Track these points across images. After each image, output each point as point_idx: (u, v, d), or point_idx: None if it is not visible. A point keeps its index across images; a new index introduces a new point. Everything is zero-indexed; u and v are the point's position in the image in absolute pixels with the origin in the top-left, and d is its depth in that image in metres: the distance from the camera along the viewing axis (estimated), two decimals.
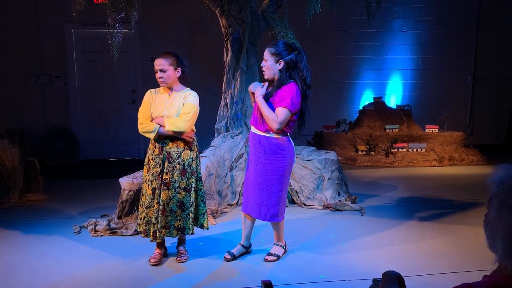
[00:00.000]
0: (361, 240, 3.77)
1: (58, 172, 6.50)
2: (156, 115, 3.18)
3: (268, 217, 3.24)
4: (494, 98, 8.47)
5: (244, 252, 3.44)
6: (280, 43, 3.19)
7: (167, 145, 3.18)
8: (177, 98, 3.21)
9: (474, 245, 3.61)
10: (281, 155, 3.17)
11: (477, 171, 6.38)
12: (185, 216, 3.23)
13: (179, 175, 3.18)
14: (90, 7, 4.88)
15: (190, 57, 7.37)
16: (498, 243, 1.10)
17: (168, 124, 3.11)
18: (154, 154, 3.21)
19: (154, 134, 3.15)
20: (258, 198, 3.23)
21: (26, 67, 7.08)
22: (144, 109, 3.22)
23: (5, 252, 3.52)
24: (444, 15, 8.17)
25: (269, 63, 3.15)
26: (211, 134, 5.05)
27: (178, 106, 3.18)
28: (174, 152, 3.18)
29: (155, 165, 3.19)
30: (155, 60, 3.20)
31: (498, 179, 1.14)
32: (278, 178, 3.18)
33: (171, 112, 3.16)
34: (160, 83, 3.21)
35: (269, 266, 3.25)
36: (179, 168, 3.18)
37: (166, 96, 3.23)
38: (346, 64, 8.02)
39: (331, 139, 7.21)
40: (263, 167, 3.18)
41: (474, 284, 1.11)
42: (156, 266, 3.23)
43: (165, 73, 3.16)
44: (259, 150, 3.20)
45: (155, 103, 3.22)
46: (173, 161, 3.17)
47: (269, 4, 4.68)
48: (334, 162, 4.84)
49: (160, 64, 3.16)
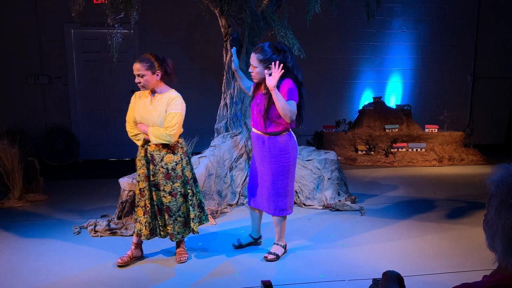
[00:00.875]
0: (361, 240, 3.77)
1: (58, 172, 6.50)
2: (139, 119, 3.16)
3: (277, 211, 3.28)
4: (493, 98, 8.47)
5: (252, 242, 3.52)
6: (266, 47, 3.14)
7: (150, 147, 3.16)
8: (160, 102, 3.13)
9: (474, 244, 3.61)
10: (285, 152, 3.20)
11: (477, 171, 6.38)
12: (171, 222, 3.19)
13: (163, 178, 3.15)
14: (89, 8, 4.89)
15: (189, 57, 7.40)
16: (498, 243, 1.10)
17: (154, 138, 3.07)
18: (140, 156, 3.21)
19: (141, 142, 3.18)
20: (266, 193, 3.28)
21: (26, 67, 7.08)
22: (129, 113, 3.22)
23: (5, 252, 3.52)
24: (444, 15, 8.17)
25: (258, 70, 3.14)
26: (210, 134, 5.05)
27: (161, 111, 3.10)
28: (157, 155, 3.14)
29: (141, 166, 3.19)
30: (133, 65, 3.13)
31: (498, 178, 1.14)
32: (284, 173, 3.23)
33: (153, 116, 3.10)
34: (140, 88, 3.15)
35: (269, 266, 3.25)
36: (162, 171, 3.14)
37: (148, 100, 3.17)
38: (346, 64, 8.02)
39: (331, 139, 7.22)
40: (269, 165, 3.23)
41: (474, 284, 1.11)
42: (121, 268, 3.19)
43: (143, 78, 3.08)
44: (264, 149, 3.23)
45: (138, 107, 3.18)
46: (156, 164, 3.15)
47: (269, 4, 4.68)
48: (334, 162, 4.84)
49: (137, 69, 3.08)
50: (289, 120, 3.06)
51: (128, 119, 3.22)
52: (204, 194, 4.45)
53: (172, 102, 3.12)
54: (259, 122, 3.20)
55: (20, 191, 4.84)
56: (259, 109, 3.18)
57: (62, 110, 7.25)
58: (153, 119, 3.11)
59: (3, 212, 4.56)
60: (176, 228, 3.21)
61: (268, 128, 3.17)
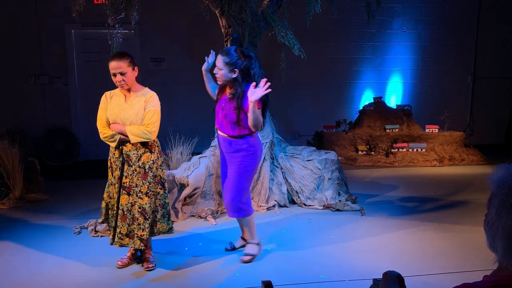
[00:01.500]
0: (361, 240, 3.77)
1: (58, 172, 6.50)
2: (113, 119, 3.04)
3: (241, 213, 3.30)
4: (494, 98, 8.47)
5: (245, 245, 3.49)
6: (233, 51, 3.15)
7: (125, 147, 3.05)
8: (137, 100, 3.06)
9: (475, 245, 3.61)
10: (252, 153, 3.23)
11: (477, 171, 6.38)
12: (148, 225, 3.06)
13: (140, 179, 3.03)
14: (90, 8, 4.89)
15: (190, 58, 7.39)
16: (498, 243, 1.10)
17: (133, 137, 2.99)
18: (114, 157, 3.09)
19: (115, 143, 3.05)
20: (228, 196, 3.27)
21: (26, 68, 7.08)
22: (101, 114, 3.10)
23: (6, 252, 3.52)
24: (444, 15, 8.17)
25: (223, 72, 3.14)
26: (211, 134, 5.04)
27: (139, 109, 3.03)
28: (134, 155, 3.04)
29: (116, 168, 3.08)
30: (110, 63, 3.01)
31: (498, 178, 1.14)
32: (249, 174, 3.26)
33: (129, 115, 3.02)
34: (121, 87, 3.04)
35: (269, 266, 3.25)
36: (139, 171, 3.03)
37: (122, 99, 3.08)
38: (346, 64, 8.02)
39: (331, 139, 7.21)
40: (236, 166, 3.22)
41: (474, 284, 1.11)
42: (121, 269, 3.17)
43: (125, 75, 2.98)
44: (231, 151, 3.24)
45: (112, 107, 3.08)
46: (132, 164, 3.04)
47: (269, 4, 4.68)
48: (334, 162, 4.84)
49: (118, 67, 2.97)
50: (256, 129, 3.15)
51: (101, 120, 3.09)
52: (205, 194, 4.45)
53: (150, 100, 3.08)
54: (225, 125, 3.21)
55: (20, 191, 4.84)
56: (224, 114, 3.18)
57: (62, 110, 7.25)
58: (131, 118, 3.02)
59: (3, 212, 4.56)
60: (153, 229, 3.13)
61: (234, 131, 3.19)
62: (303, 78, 7.64)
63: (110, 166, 3.16)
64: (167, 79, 7.40)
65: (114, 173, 3.10)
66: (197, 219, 4.31)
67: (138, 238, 3.06)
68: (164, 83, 7.34)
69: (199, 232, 3.94)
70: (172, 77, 7.43)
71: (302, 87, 7.69)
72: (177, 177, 4.27)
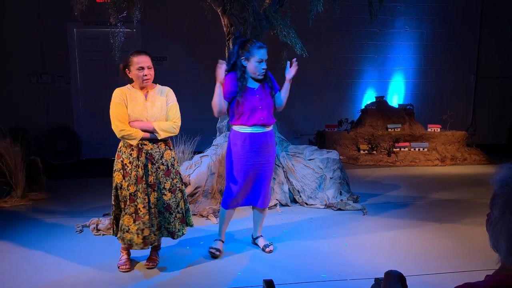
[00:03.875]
0: (363, 239, 3.76)
1: (61, 171, 6.51)
2: (136, 117, 3.00)
3: (267, 203, 3.46)
4: (496, 97, 8.45)
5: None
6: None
7: (146, 146, 3.02)
8: (156, 96, 3.08)
9: (477, 244, 3.60)
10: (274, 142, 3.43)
11: (480, 171, 6.36)
12: (172, 219, 3.09)
13: (164, 176, 3.04)
14: (92, 7, 4.89)
15: (192, 56, 7.40)
16: (502, 243, 1.10)
17: (162, 133, 3.00)
18: (132, 157, 3.00)
19: (137, 141, 2.99)
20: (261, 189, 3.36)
21: (28, 66, 7.09)
22: (119, 111, 2.99)
23: (8, 250, 3.53)
24: (446, 14, 8.15)
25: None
26: (213, 133, 5.05)
27: (161, 105, 3.05)
28: (156, 153, 3.03)
29: (133, 168, 2.99)
30: (136, 57, 2.99)
31: (501, 178, 1.13)
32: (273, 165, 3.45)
33: (154, 112, 3.02)
34: (146, 81, 3.02)
35: (271, 265, 3.25)
36: (163, 169, 3.04)
37: (142, 97, 3.05)
38: (348, 63, 8.01)
39: (333, 138, 7.21)
40: (271, 157, 3.35)
41: (477, 283, 1.11)
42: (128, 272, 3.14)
43: (151, 70, 3.03)
44: (270, 143, 3.31)
45: (132, 104, 3.02)
46: (156, 162, 3.03)
47: (271, 3, 4.68)
48: (336, 162, 4.83)
49: (146, 61, 3.00)
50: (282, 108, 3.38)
51: (120, 116, 2.98)
52: (206, 193, 4.46)
53: (170, 94, 3.14)
54: (267, 115, 3.26)
55: (22, 190, 4.85)
56: (266, 102, 3.24)
57: (65, 109, 7.26)
58: (155, 115, 3.03)
59: (5, 210, 4.57)
60: (176, 225, 3.13)
61: (272, 118, 3.33)
62: (305, 77, 7.63)
63: (122, 168, 3.02)
64: (169, 78, 7.39)
65: (131, 174, 2.98)
66: (199, 218, 4.31)
67: (165, 229, 3.10)
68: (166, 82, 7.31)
69: (201, 231, 3.95)
70: (174, 76, 7.44)
71: (304, 86, 7.68)
72: None
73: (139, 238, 2.99)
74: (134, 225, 2.99)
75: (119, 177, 3.04)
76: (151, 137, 3.03)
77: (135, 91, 3.07)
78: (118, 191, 3.06)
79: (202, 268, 3.22)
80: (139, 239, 2.99)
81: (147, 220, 2.99)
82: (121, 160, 3.05)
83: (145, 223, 2.99)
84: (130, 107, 3.02)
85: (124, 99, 3.02)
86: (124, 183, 3.02)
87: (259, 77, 3.24)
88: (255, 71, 3.21)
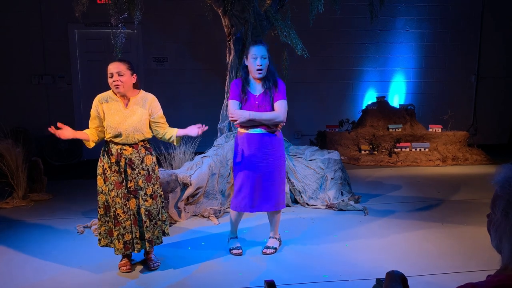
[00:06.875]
0: (364, 240, 3.76)
1: (62, 171, 6.52)
2: (115, 126, 2.96)
3: (280, 206, 3.39)
4: (498, 98, 8.44)
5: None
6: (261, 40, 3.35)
7: (125, 151, 2.98)
8: (137, 106, 3.01)
9: (478, 245, 3.60)
10: (282, 146, 3.38)
11: (481, 171, 6.36)
12: (152, 226, 3.05)
13: (145, 181, 3.00)
14: (93, 8, 4.90)
15: (192, 57, 7.41)
16: (505, 244, 1.10)
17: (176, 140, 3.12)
18: (110, 162, 2.98)
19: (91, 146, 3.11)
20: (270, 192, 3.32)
21: (29, 67, 7.11)
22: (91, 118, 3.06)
23: (9, 251, 3.53)
24: (447, 14, 8.15)
25: (267, 61, 3.24)
26: (214, 133, 5.05)
27: (141, 114, 2.99)
28: (136, 158, 2.99)
29: (112, 173, 2.97)
30: (109, 65, 2.98)
31: (502, 179, 1.13)
32: (284, 168, 3.40)
33: (133, 121, 2.96)
34: (116, 88, 2.94)
35: (272, 266, 3.25)
36: (143, 174, 3.00)
37: (121, 105, 3.00)
38: (349, 63, 8.01)
39: (334, 139, 7.20)
40: (278, 160, 3.31)
41: (478, 283, 1.11)
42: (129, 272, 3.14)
43: (122, 77, 2.92)
44: (270, 147, 3.27)
45: (110, 113, 2.98)
46: (136, 167, 2.98)
47: (272, 4, 4.68)
48: (337, 162, 4.83)
49: (116, 67, 2.93)
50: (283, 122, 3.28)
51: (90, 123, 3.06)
52: (207, 194, 4.46)
53: (154, 105, 3.07)
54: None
55: (24, 191, 4.86)
56: (264, 110, 3.22)
57: (66, 110, 7.27)
58: (134, 124, 2.97)
59: (7, 211, 4.58)
60: (155, 232, 3.09)
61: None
62: (306, 78, 7.64)
63: (103, 173, 3.02)
64: (170, 78, 7.41)
65: (111, 179, 2.98)
66: (200, 218, 4.32)
67: (146, 241, 3.05)
68: (167, 83, 7.36)
69: (202, 232, 3.95)
70: (175, 76, 7.45)
71: (305, 87, 7.68)
72: (180, 177, 4.27)
73: (120, 243, 3.01)
74: (114, 230, 3.00)
75: (100, 181, 3.05)
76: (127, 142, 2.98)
77: (116, 99, 3.04)
78: (99, 196, 3.07)
79: (203, 268, 3.22)
80: (120, 244, 3.02)
81: (128, 226, 3.00)
82: (102, 164, 3.04)
83: (126, 228, 3.00)
84: (108, 117, 3.00)
85: (99, 107, 3.04)
86: (104, 188, 3.02)
87: (257, 75, 3.21)
88: (251, 68, 3.22)
